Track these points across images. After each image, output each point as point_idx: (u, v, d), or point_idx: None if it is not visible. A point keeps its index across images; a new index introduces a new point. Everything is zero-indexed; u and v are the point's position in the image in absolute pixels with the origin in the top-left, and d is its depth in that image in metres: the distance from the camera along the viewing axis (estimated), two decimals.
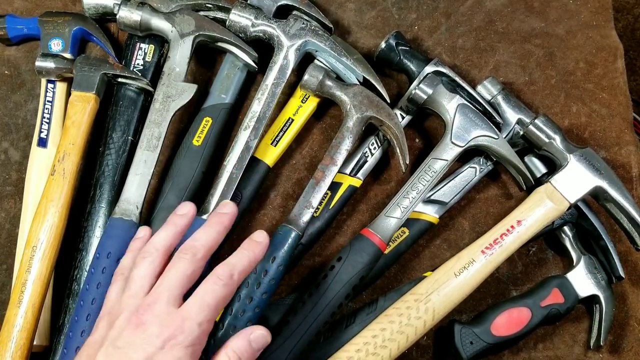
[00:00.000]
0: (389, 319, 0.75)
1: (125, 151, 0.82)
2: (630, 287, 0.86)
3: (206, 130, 0.82)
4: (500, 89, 0.86)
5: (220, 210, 0.66)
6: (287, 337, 0.72)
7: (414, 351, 0.82)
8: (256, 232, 0.66)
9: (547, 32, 0.95)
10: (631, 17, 1.84)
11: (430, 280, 0.77)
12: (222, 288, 0.61)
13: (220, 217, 0.65)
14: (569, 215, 0.83)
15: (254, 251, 0.64)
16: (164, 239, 0.64)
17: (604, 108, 0.92)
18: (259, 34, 0.84)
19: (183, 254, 0.61)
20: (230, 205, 0.67)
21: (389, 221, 0.78)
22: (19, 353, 0.72)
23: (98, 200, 0.80)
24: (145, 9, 0.82)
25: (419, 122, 0.90)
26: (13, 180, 0.86)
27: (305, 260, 0.85)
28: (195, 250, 0.62)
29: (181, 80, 0.80)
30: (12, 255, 0.82)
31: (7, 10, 0.91)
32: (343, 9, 0.95)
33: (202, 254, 0.62)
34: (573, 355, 0.84)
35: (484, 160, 0.86)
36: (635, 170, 0.90)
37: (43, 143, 0.83)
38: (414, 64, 0.86)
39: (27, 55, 0.90)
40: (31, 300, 0.73)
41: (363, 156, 0.85)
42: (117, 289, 0.64)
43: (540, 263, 0.87)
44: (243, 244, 0.65)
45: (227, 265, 0.62)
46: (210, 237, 0.63)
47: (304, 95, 0.86)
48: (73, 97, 0.80)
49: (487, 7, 0.96)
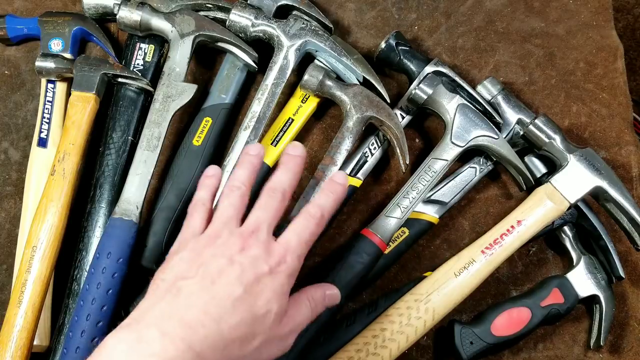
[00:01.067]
0: (389, 319, 0.75)
1: (125, 151, 0.82)
2: (630, 287, 0.86)
3: (206, 130, 0.82)
4: (500, 89, 0.86)
5: (291, 152, 0.68)
6: None
7: (414, 351, 0.82)
8: (337, 173, 0.70)
9: (547, 32, 0.95)
10: (631, 17, 1.84)
11: (430, 280, 0.77)
12: (315, 226, 0.64)
13: (294, 159, 0.68)
14: (569, 215, 0.83)
15: (337, 192, 0.67)
16: (246, 176, 0.66)
17: (604, 108, 0.92)
18: (259, 34, 0.84)
19: (274, 192, 0.65)
20: (299, 147, 0.69)
21: (389, 221, 0.78)
22: (19, 353, 0.72)
23: (98, 200, 0.80)
24: (145, 9, 0.82)
25: (419, 122, 0.90)
26: (13, 180, 0.86)
27: (306, 260, 0.84)
28: (283, 190, 0.65)
29: (181, 80, 0.80)
30: (12, 255, 0.82)
31: (7, 10, 0.91)
32: (343, 9, 0.95)
33: (289, 194, 0.66)
34: (573, 355, 0.84)
35: (484, 160, 0.86)
36: (635, 170, 0.90)
37: (43, 143, 0.83)
38: (414, 64, 0.86)
39: (27, 55, 0.90)
40: (31, 300, 0.73)
41: (363, 156, 0.85)
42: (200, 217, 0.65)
43: (540, 263, 0.87)
44: (325, 185, 0.69)
45: (318, 206, 0.65)
46: (292, 178, 0.67)
47: (304, 95, 0.86)
48: (73, 97, 0.80)
49: (487, 7, 0.96)
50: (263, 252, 0.60)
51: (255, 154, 0.68)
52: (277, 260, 0.60)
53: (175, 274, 0.58)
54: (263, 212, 0.63)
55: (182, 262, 0.60)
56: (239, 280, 0.57)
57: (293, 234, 0.63)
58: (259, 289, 0.58)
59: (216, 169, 0.70)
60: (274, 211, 0.64)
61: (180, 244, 0.63)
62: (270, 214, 0.63)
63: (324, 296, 0.66)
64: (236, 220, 0.63)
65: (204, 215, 0.65)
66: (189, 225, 0.65)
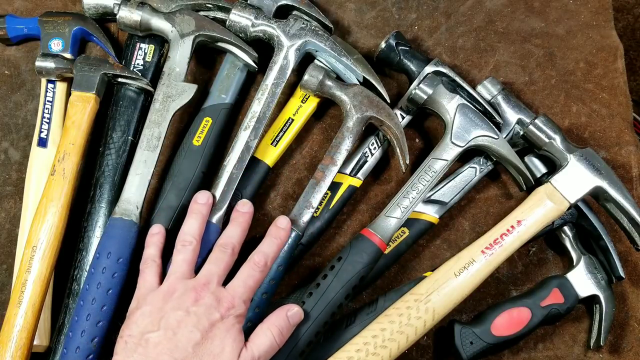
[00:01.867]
0: (389, 319, 0.75)
1: (125, 151, 0.82)
2: (630, 287, 0.86)
3: (206, 130, 0.82)
4: (500, 89, 0.86)
5: (241, 210, 0.76)
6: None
7: (414, 351, 0.82)
8: (279, 218, 0.76)
9: (547, 32, 0.95)
10: (631, 17, 1.84)
11: (430, 280, 0.77)
12: (259, 273, 0.72)
13: (243, 215, 0.76)
14: (569, 215, 0.83)
15: (280, 238, 0.75)
16: (197, 228, 0.74)
17: (604, 108, 0.92)
18: (259, 34, 0.84)
19: (225, 248, 0.73)
20: (247, 204, 0.77)
21: (389, 221, 0.78)
22: (19, 353, 0.72)
23: (98, 200, 0.80)
24: (145, 9, 0.82)
25: (419, 122, 0.90)
26: (13, 180, 0.86)
27: (305, 260, 0.85)
28: (233, 245, 0.73)
29: (181, 80, 0.80)
30: (12, 255, 0.82)
31: (7, 10, 0.91)
32: (343, 9, 0.95)
33: (238, 248, 0.74)
34: (573, 355, 0.84)
35: (484, 160, 0.86)
36: (635, 170, 0.90)
37: (43, 143, 0.83)
38: (414, 64, 0.86)
39: (27, 55, 0.90)
40: (31, 300, 0.73)
41: (363, 156, 0.85)
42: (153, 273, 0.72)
43: (540, 263, 0.87)
44: (270, 231, 0.75)
45: (262, 254, 0.73)
46: (241, 234, 0.75)
47: (304, 95, 0.86)
48: (73, 97, 0.80)
49: (487, 7, 0.96)
50: (214, 302, 0.68)
51: (203, 202, 0.75)
52: (227, 307, 0.69)
53: (140, 329, 0.67)
54: (214, 266, 0.71)
55: (144, 317, 0.68)
56: (196, 328, 0.66)
57: (239, 282, 0.71)
58: (214, 333, 0.67)
59: (160, 227, 0.75)
60: (224, 264, 0.72)
61: (139, 301, 0.70)
62: (221, 267, 0.71)
63: (286, 318, 0.71)
64: (189, 274, 0.71)
65: (156, 271, 0.72)
66: (144, 282, 0.71)
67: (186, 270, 0.71)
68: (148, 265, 0.72)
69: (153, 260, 0.73)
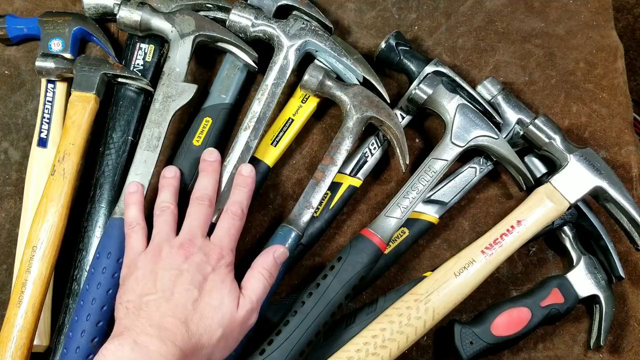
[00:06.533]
0: (389, 319, 0.75)
1: (125, 151, 0.82)
2: (630, 287, 0.86)
3: (206, 130, 0.82)
4: (500, 89, 0.86)
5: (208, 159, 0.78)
6: (286, 338, 0.72)
7: (414, 351, 0.82)
8: (242, 166, 0.78)
9: (547, 32, 0.95)
10: (631, 17, 1.84)
11: (430, 280, 0.77)
12: (239, 221, 0.74)
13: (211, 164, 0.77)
14: (569, 215, 0.83)
15: (248, 185, 0.76)
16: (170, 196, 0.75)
17: (604, 108, 0.92)
18: (259, 34, 0.84)
19: (201, 200, 0.74)
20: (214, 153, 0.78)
21: (389, 221, 0.78)
22: (19, 353, 0.72)
23: (98, 200, 0.80)
24: (145, 9, 0.82)
25: (419, 122, 0.90)
26: (13, 180, 0.86)
27: (305, 260, 0.85)
28: (209, 197, 0.75)
29: (181, 80, 0.80)
30: (12, 255, 0.82)
31: (7, 10, 0.91)
32: (343, 9, 0.95)
33: (214, 199, 0.75)
34: (573, 355, 0.84)
35: (484, 160, 0.86)
36: (635, 170, 0.90)
37: (43, 143, 0.83)
38: (414, 64, 0.86)
39: (27, 55, 0.90)
40: (31, 300, 0.73)
41: (363, 156, 0.85)
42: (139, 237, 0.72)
43: (540, 263, 0.87)
44: (237, 181, 0.77)
45: (236, 203, 0.75)
46: (213, 183, 0.76)
47: (304, 95, 0.86)
48: (73, 97, 0.80)
49: (487, 7, 0.96)
50: (203, 256, 0.70)
51: (172, 176, 0.77)
52: (216, 258, 0.70)
53: (138, 293, 0.67)
54: (194, 220, 0.73)
55: (138, 281, 0.68)
56: (192, 285, 0.67)
57: (223, 232, 0.73)
58: (210, 286, 0.68)
59: (137, 185, 0.76)
60: (203, 217, 0.73)
61: (129, 267, 0.71)
62: (201, 220, 0.73)
63: (273, 259, 0.73)
64: (173, 233, 0.72)
65: (142, 234, 0.73)
66: (131, 247, 0.72)
67: (169, 230, 0.72)
68: (133, 229, 0.73)
69: (137, 222, 0.73)
